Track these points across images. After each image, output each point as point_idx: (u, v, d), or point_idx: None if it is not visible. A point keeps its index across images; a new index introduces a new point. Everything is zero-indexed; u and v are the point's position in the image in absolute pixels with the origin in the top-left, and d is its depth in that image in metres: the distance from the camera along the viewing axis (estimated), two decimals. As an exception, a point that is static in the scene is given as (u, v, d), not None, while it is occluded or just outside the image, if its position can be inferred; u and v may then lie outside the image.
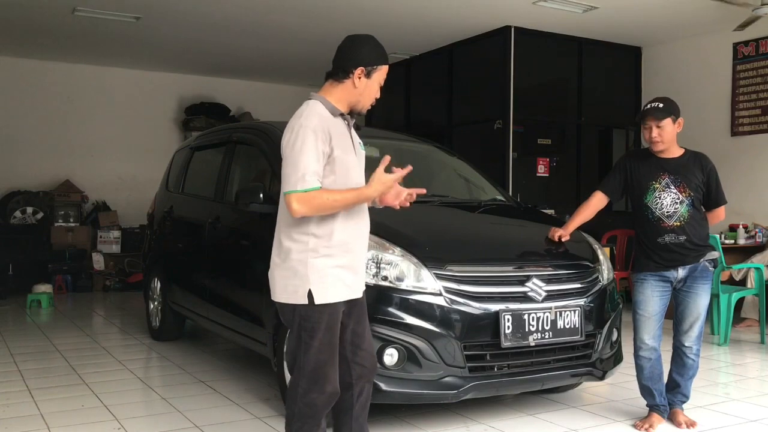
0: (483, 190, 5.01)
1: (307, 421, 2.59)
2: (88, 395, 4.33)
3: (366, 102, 2.71)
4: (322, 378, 2.57)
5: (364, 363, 2.74)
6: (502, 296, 3.54)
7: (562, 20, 7.82)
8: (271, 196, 4.21)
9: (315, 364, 2.56)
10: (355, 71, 2.63)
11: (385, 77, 2.73)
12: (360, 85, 2.65)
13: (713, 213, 3.74)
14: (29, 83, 10.00)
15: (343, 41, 2.72)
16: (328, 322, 2.57)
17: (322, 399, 2.58)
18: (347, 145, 2.64)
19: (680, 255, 3.60)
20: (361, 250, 2.70)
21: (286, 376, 3.83)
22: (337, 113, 2.64)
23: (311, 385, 2.56)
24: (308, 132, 2.49)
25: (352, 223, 2.63)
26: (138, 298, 7.47)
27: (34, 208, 9.70)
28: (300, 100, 2.74)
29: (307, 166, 2.46)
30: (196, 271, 5.31)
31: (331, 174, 2.55)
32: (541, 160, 8.65)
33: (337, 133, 2.59)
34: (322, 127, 2.53)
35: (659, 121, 3.56)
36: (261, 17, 7.72)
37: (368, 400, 2.80)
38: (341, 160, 2.57)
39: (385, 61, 2.71)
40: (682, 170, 3.63)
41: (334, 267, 2.57)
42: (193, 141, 6.25)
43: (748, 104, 7.92)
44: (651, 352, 3.69)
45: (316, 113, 2.57)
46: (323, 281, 2.54)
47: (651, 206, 3.63)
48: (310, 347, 2.55)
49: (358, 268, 2.68)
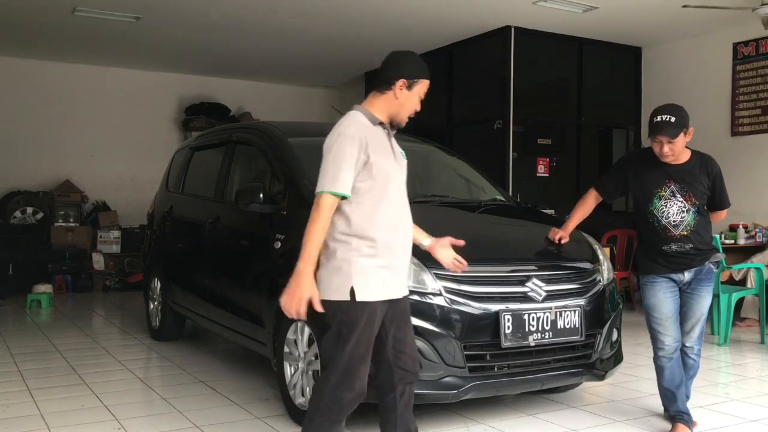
0: (483, 190, 5.01)
1: (330, 417, 2.68)
2: (88, 395, 4.33)
3: (405, 113, 2.84)
4: (354, 375, 2.65)
5: (405, 367, 2.83)
6: (502, 296, 3.54)
7: (562, 20, 7.82)
8: (271, 196, 4.21)
9: (349, 360, 2.65)
10: (396, 83, 2.78)
11: (425, 91, 2.86)
12: (401, 96, 2.79)
13: (714, 214, 3.68)
14: (29, 83, 10.00)
15: (387, 56, 2.90)
16: (367, 319, 2.66)
17: (350, 396, 2.66)
18: (387, 152, 2.77)
19: (686, 260, 3.55)
20: (404, 252, 2.80)
21: (286, 376, 3.84)
22: (377, 122, 2.78)
23: (342, 381, 2.65)
24: (345, 140, 2.65)
25: (395, 226, 2.75)
26: (138, 298, 7.47)
27: (34, 208, 9.71)
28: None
29: (338, 173, 2.62)
30: (196, 271, 5.31)
31: (370, 179, 2.69)
32: (541, 160, 8.65)
33: (375, 141, 2.73)
34: (360, 135, 2.67)
35: (672, 138, 3.39)
36: (261, 17, 7.72)
37: (411, 399, 2.90)
38: (379, 166, 2.70)
39: (426, 76, 2.86)
40: (688, 177, 3.51)
41: (377, 267, 2.68)
42: (193, 141, 6.26)
43: (748, 104, 7.92)
44: (671, 352, 3.58)
45: (355, 121, 2.72)
46: (365, 279, 2.65)
47: (657, 215, 3.53)
48: (347, 343, 2.64)
49: (399, 269, 2.78)
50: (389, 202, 2.73)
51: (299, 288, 2.62)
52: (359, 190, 2.68)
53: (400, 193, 2.81)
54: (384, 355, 2.79)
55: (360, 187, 2.67)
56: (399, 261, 2.77)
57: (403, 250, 2.79)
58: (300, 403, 3.73)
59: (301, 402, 3.72)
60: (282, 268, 3.96)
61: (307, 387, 3.70)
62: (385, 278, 2.70)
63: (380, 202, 2.70)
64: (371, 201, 2.69)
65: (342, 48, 9.18)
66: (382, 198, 2.70)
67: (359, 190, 2.68)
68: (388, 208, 2.72)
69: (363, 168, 2.67)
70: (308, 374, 3.68)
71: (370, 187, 2.68)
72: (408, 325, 2.88)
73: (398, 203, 2.78)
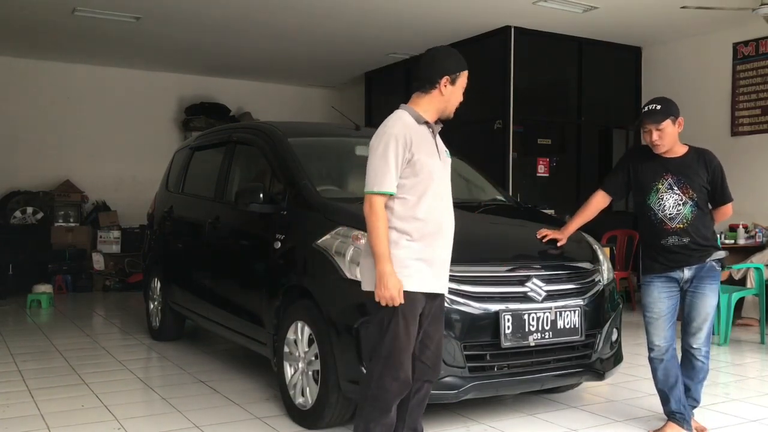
0: (483, 190, 5.01)
1: (378, 406, 2.78)
2: (88, 395, 4.33)
3: (452, 107, 2.94)
4: (397, 364, 2.75)
5: (427, 362, 2.91)
6: (502, 296, 3.53)
7: (562, 20, 7.82)
8: (271, 196, 4.21)
9: (391, 350, 2.75)
10: (441, 81, 2.87)
11: (466, 81, 2.95)
12: (447, 92, 2.89)
13: (720, 211, 3.65)
14: (29, 83, 10.00)
15: (424, 55, 2.96)
16: (405, 310, 2.74)
17: (395, 386, 2.76)
18: (431, 150, 2.86)
19: (684, 256, 3.53)
20: (444, 248, 2.88)
21: (286, 376, 3.84)
22: (422, 121, 2.87)
23: (386, 371, 2.75)
24: (390, 139, 2.76)
25: (436, 222, 2.83)
26: (138, 298, 7.47)
27: (34, 208, 9.70)
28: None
29: (385, 172, 2.74)
30: (196, 271, 5.31)
31: (413, 176, 2.79)
32: (541, 160, 8.65)
33: (420, 139, 2.82)
34: (404, 134, 2.77)
35: (658, 124, 3.48)
36: (261, 17, 7.72)
37: (426, 398, 2.99)
38: (423, 163, 2.79)
39: (465, 67, 2.95)
40: (686, 170, 3.53)
41: (415, 259, 2.77)
42: (193, 141, 6.26)
43: (748, 104, 7.92)
44: (662, 353, 3.58)
45: (401, 120, 2.83)
46: (403, 270, 2.74)
47: (654, 208, 3.55)
48: (387, 333, 2.75)
49: (439, 265, 2.86)
50: (432, 198, 2.83)
51: (388, 289, 2.70)
52: (403, 186, 2.79)
53: (444, 190, 2.91)
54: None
55: (404, 184, 2.78)
56: (439, 256, 2.85)
57: (442, 246, 2.87)
58: (300, 403, 3.73)
59: (301, 402, 3.72)
60: (282, 268, 3.98)
61: (306, 387, 3.70)
62: (424, 271, 2.79)
63: (423, 198, 2.80)
64: (414, 197, 2.79)
65: (342, 48, 9.18)
66: (425, 194, 2.80)
67: (403, 186, 2.79)
68: (430, 204, 2.82)
69: (407, 165, 2.77)
70: (308, 374, 3.68)
71: (413, 183, 2.79)
72: (440, 323, 2.97)
73: (441, 200, 2.88)
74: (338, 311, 3.45)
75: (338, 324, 3.43)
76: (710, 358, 3.70)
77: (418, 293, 2.79)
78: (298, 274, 3.84)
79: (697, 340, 3.61)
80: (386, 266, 2.70)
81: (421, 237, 2.79)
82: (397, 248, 2.76)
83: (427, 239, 2.80)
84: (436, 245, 2.84)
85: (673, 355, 3.61)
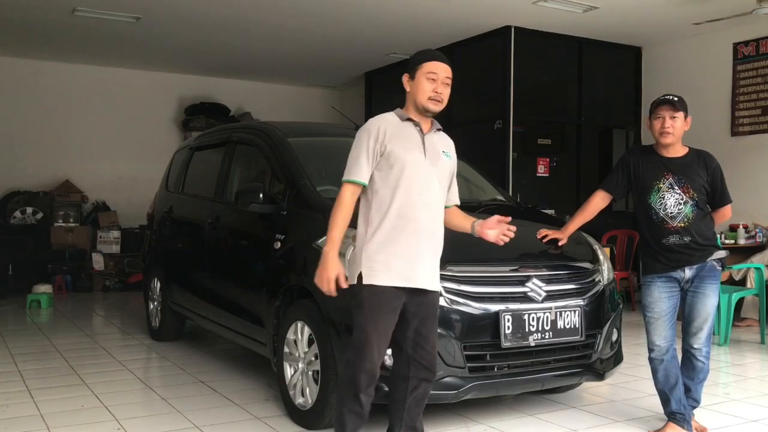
0: (483, 190, 5.01)
1: (347, 392, 2.88)
2: (88, 395, 4.33)
3: (421, 99, 2.94)
4: (362, 357, 2.82)
5: (422, 362, 2.95)
6: (502, 296, 3.53)
7: (562, 20, 7.82)
8: (271, 197, 4.21)
9: (358, 342, 2.84)
10: (404, 79, 3.01)
11: (431, 70, 2.94)
12: (411, 87, 2.98)
13: (719, 212, 3.65)
14: (29, 83, 10.00)
15: None
16: (373, 303, 2.81)
17: (362, 377, 2.83)
18: (410, 145, 2.91)
19: (685, 255, 3.52)
20: (417, 243, 2.88)
21: (286, 376, 3.84)
22: (405, 118, 2.96)
23: (355, 360, 2.85)
24: (364, 132, 2.91)
25: (408, 217, 2.86)
26: (138, 298, 7.47)
27: (34, 208, 9.70)
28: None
29: (356, 162, 2.87)
30: (196, 272, 5.31)
31: (388, 168, 2.87)
32: (541, 160, 8.65)
33: (398, 133, 2.91)
34: (378, 127, 2.89)
35: (675, 111, 3.50)
36: (261, 17, 7.72)
37: (424, 398, 3.02)
38: (398, 156, 2.86)
39: (427, 59, 2.97)
40: (686, 170, 3.54)
41: (385, 253, 2.82)
42: (193, 141, 6.25)
43: (748, 104, 7.92)
44: (662, 353, 3.58)
45: (380, 117, 2.96)
46: (371, 264, 2.82)
47: (655, 207, 3.55)
48: (356, 325, 2.86)
49: (414, 259, 2.87)
50: (406, 191, 2.85)
51: (326, 270, 2.82)
52: (378, 178, 2.87)
53: (423, 186, 2.90)
54: (402, 346, 2.94)
55: (379, 175, 2.87)
56: (413, 251, 2.86)
57: (418, 241, 2.87)
58: (300, 403, 3.73)
59: (301, 402, 3.72)
60: (282, 268, 3.98)
61: (306, 387, 3.70)
62: (395, 265, 2.82)
63: (397, 191, 2.84)
64: (389, 189, 2.85)
65: (342, 48, 9.18)
66: (398, 187, 2.85)
67: (378, 178, 2.87)
68: (405, 197, 2.85)
69: (382, 157, 2.87)
70: (308, 374, 3.68)
71: (386, 175, 2.86)
72: (433, 322, 2.98)
73: (419, 195, 2.88)
74: (338, 311, 3.44)
75: (338, 324, 3.43)
76: (710, 358, 3.70)
77: (388, 287, 2.81)
78: (298, 274, 3.84)
79: (697, 340, 3.61)
80: (332, 248, 2.82)
81: (392, 229, 2.83)
82: (369, 243, 2.83)
83: (398, 231, 2.84)
84: (411, 239, 2.86)
85: (674, 356, 3.61)
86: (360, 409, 2.87)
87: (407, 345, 2.92)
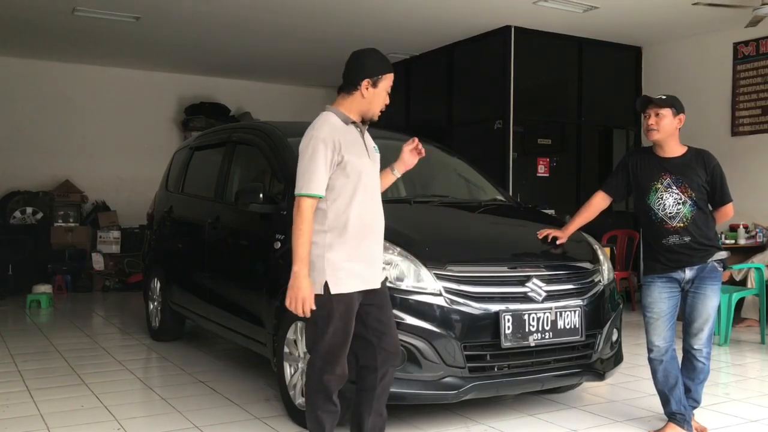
0: (483, 190, 5.01)
1: (321, 396, 2.90)
2: (88, 395, 4.33)
3: (376, 109, 2.96)
4: (334, 360, 2.85)
5: (389, 348, 2.97)
6: (502, 296, 3.53)
7: (562, 20, 7.82)
8: (271, 197, 4.21)
9: (329, 348, 2.84)
10: (362, 83, 2.90)
11: (390, 84, 2.97)
12: (368, 95, 2.92)
13: (720, 211, 3.64)
14: (29, 83, 10.00)
15: (349, 58, 2.99)
16: (342, 311, 2.83)
17: (333, 379, 2.87)
18: (360, 151, 2.90)
19: (686, 256, 3.52)
20: (376, 244, 2.95)
21: (286, 376, 3.84)
22: (349, 121, 2.92)
23: (325, 366, 2.86)
24: (319, 142, 2.79)
25: (367, 221, 2.90)
26: (138, 298, 7.46)
27: (34, 209, 9.70)
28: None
29: (313, 175, 2.77)
30: (196, 272, 5.31)
31: (344, 177, 2.84)
32: (541, 160, 8.65)
33: (348, 140, 2.87)
34: (332, 137, 2.81)
35: (659, 108, 3.52)
36: (261, 17, 7.72)
37: (390, 383, 3.05)
38: (353, 165, 2.85)
39: (389, 70, 2.97)
40: (685, 170, 3.54)
41: (349, 260, 2.83)
42: (193, 141, 6.26)
43: (748, 104, 7.92)
44: (662, 353, 3.58)
45: (328, 123, 2.87)
46: (337, 273, 2.81)
47: (654, 207, 3.55)
48: (326, 333, 2.83)
49: (372, 260, 2.93)
50: (362, 197, 2.88)
51: (299, 290, 2.77)
52: (334, 187, 2.83)
53: (373, 188, 2.96)
54: (367, 338, 2.95)
55: (334, 185, 2.83)
56: (371, 253, 2.92)
57: (374, 242, 2.94)
58: (300, 403, 3.72)
59: (301, 402, 3.72)
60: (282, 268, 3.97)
61: (307, 387, 3.69)
62: (358, 271, 2.86)
63: (354, 198, 2.85)
64: (346, 198, 2.84)
65: (342, 48, 9.08)
66: (355, 194, 2.86)
67: (334, 188, 2.83)
68: (361, 203, 2.87)
69: (337, 168, 2.83)
70: (308, 374, 3.68)
71: (343, 184, 2.84)
72: (388, 308, 3.02)
73: (372, 198, 2.94)
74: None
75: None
76: (711, 358, 3.70)
77: (354, 293, 2.85)
78: (298, 274, 3.83)
79: (698, 340, 3.60)
80: (302, 269, 2.75)
81: (354, 236, 2.84)
82: (331, 251, 2.81)
83: (359, 238, 2.86)
84: (369, 243, 2.90)
85: (673, 356, 3.61)
86: (334, 407, 2.93)
87: (371, 336, 2.95)
